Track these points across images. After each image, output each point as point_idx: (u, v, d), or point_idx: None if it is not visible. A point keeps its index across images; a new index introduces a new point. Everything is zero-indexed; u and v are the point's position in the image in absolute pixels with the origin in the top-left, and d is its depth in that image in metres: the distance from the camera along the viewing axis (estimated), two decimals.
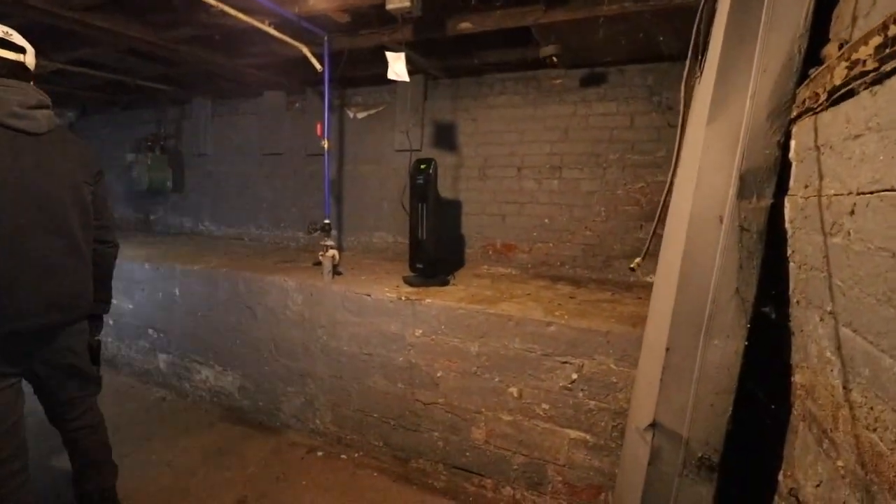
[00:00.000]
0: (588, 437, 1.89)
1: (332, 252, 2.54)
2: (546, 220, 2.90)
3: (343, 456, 2.42)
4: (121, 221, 4.92)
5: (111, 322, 3.49)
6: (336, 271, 2.63)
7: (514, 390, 2.00)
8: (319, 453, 2.45)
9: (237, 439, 2.62)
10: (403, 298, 2.23)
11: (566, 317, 1.95)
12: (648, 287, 1.95)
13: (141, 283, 3.25)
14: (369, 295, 2.31)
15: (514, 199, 3.00)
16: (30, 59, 1.53)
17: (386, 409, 2.32)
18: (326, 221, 2.66)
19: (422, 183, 2.41)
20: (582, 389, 1.87)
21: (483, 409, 2.07)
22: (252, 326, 2.74)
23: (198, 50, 2.81)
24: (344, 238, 3.63)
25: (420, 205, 2.45)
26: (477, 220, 3.11)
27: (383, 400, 2.32)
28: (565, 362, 1.89)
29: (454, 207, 3.18)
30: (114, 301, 3.60)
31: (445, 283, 2.49)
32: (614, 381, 1.81)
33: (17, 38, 1.49)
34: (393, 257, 3.40)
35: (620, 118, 2.71)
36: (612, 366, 1.81)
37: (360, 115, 3.57)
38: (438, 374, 2.16)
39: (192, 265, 2.98)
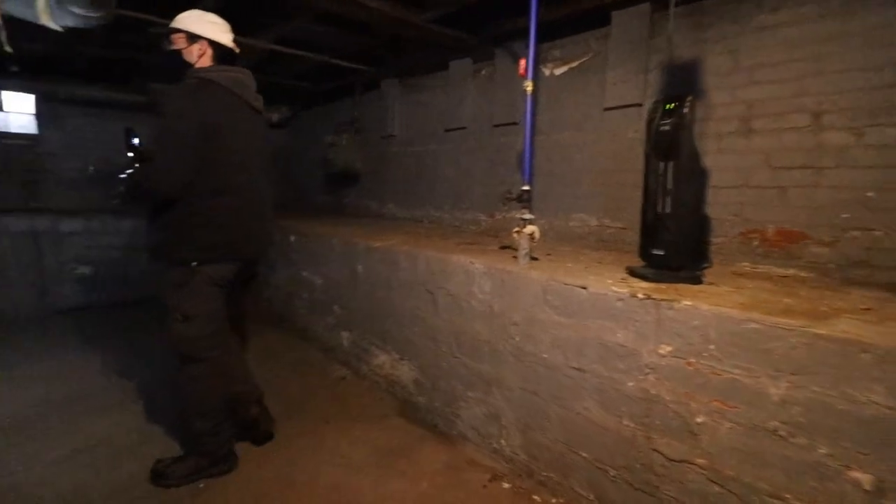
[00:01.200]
0: None
1: (531, 228, 1.97)
2: (870, 194, 1.81)
3: (536, 497, 1.85)
4: (318, 204, 5.30)
5: (305, 296, 3.63)
6: (531, 256, 2.06)
7: (864, 479, 1.12)
8: (505, 485, 1.93)
9: (410, 441, 2.29)
10: (641, 297, 1.52)
11: None
12: None
13: (329, 259, 3.24)
14: (585, 288, 1.67)
15: (803, 161, 1.97)
16: None
17: (602, 450, 1.65)
18: (525, 188, 2.10)
19: (669, 130, 1.65)
20: None
21: (788, 496, 1.23)
22: (431, 314, 2.37)
23: (387, 7, 2.58)
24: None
25: (663, 164, 1.69)
26: (733, 196, 2.17)
27: (599, 437, 1.66)
28: None
29: (693, 178, 2.29)
30: (305, 275, 3.78)
31: (697, 281, 1.69)
32: None
33: None
34: (596, 245, 2.68)
35: None
36: None
37: (559, 71, 2.93)
38: (699, 420, 1.40)
39: (373, 242, 2.79)
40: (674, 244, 1.70)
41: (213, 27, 1.92)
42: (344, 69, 3.84)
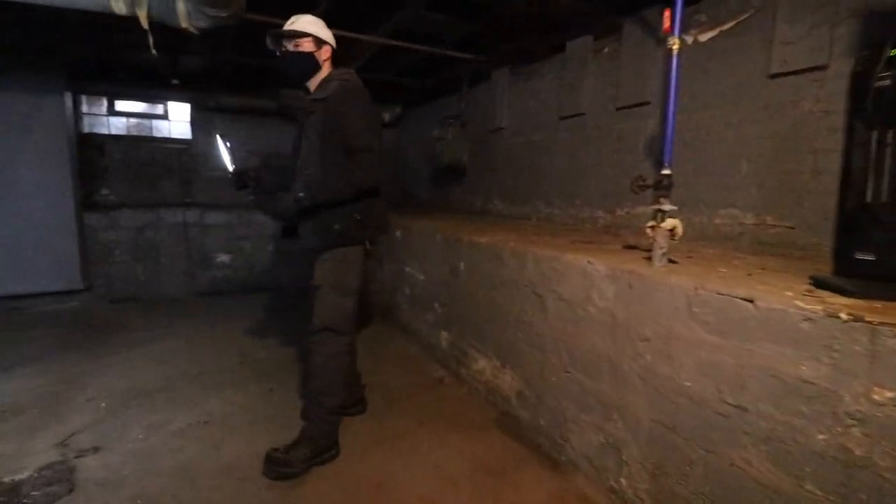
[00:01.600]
0: None
1: (671, 222, 1.59)
2: None
3: None
4: (424, 201, 5.30)
5: (407, 291, 3.59)
6: (668, 258, 1.67)
7: None
8: None
9: (511, 460, 2.04)
10: (845, 318, 1.09)
11: None
12: None
13: (431, 255, 3.13)
14: (751, 301, 1.27)
15: None
16: None
17: None
18: (666, 172, 1.71)
19: (893, 85, 1.17)
20: None
21: None
22: (539, 320, 2.10)
23: None
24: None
25: (878, 133, 1.21)
26: None
27: (765, 501, 1.24)
28: None
29: None
30: (409, 270, 3.74)
31: None
32: None
33: None
34: (752, 247, 2.16)
35: None
36: None
37: (705, 37, 2.43)
38: None
39: (477, 238, 2.59)
40: (893, 245, 1.21)
41: (329, 33, 2.03)
42: (452, 60, 3.72)
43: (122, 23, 2.21)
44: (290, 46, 1.95)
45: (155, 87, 4.64)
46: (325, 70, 2.00)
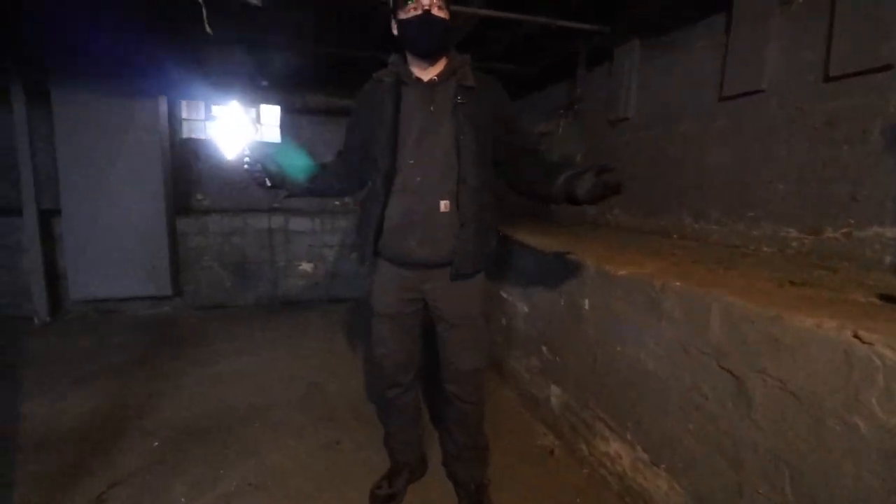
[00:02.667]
0: None
1: None
2: None
3: None
4: (516, 206, 4.58)
5: (503, 322, 2.91)
6: None
7: None
8: None
9: None
10: None
11: None
12: None
13: (537, 280, 2.43)
14: None
15: None
16: None
17: None
18: None
19: None
20: None
21: None
22: (733, 414, 1.31)
23: None
24: None
25: None
26: None
27: None
28: None
29: None
30: (505, 296, 3.02)
31: None
32: None
33: None
34: None
35: None
36: None
37: None
38: None
39: (611, 267, 1.84)
40: None
41: None
42: (567, 32, 2.97)
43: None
44: (437, 9, 1.44)
45: (248, 89, 4.51)
46: None
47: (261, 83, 4.46)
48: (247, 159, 1.56)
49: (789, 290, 1.42)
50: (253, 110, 5.14)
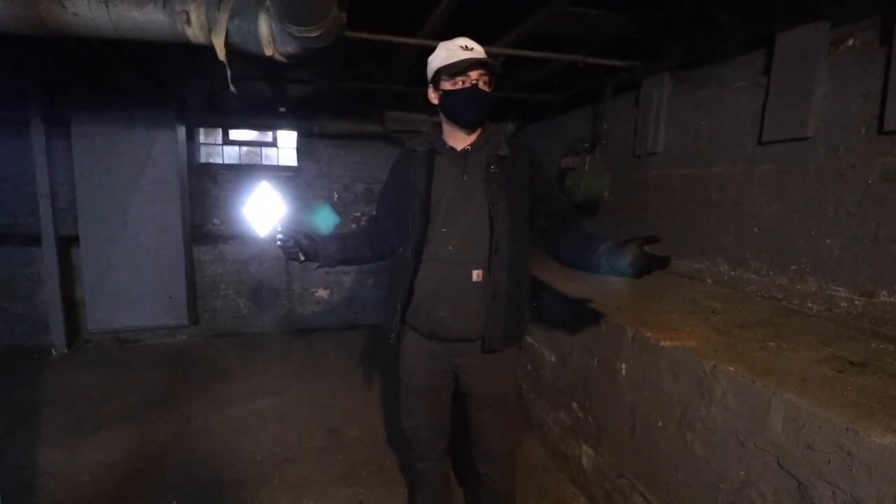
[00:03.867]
0: None
1: None
2: None
3: None
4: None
5: (530, 367, 2.81)
6: None
7: None
8: None
9: None
10: None
11: None
12: None
13: (566, 332, 2.33)
14: None
15: None
16: None
17: None
18: None
19: None
20: None
21: None
22: None
23: None
24: None
25: None
26: None
27: None
28: None
29: None
30: (531, 341, 2.93)
31: None
32: None
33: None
34: None
35: None
36: None
37: None
38: None
39: (651, 333, 1.74)
40: None
41: None
42: (595, 69, 2.89)
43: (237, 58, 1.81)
44: (480, 82, 1.41)
45: (264, 116, 4.49)
46: None
47: (278, 109, 4.44)
48: (280, 235, 1.50)
49: (852, 379, 1.31)
50: (270, 134, 5.12)
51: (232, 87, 1.74)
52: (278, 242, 1.53)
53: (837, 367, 1.41)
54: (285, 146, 5.15)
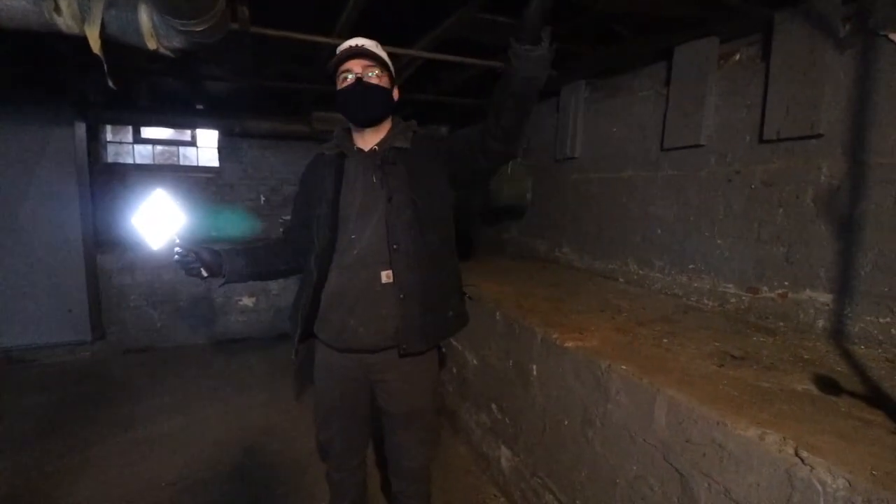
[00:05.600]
0: None
1: None
2: None
3: None
4: (469, 237, 4.52)
5: (454, 370, 2.82)
6: None
7: None
8: None
9: None
10: None
11: None
12: None
13: (485, 336, 2.35)
14: None
15: None
16: None
17: None
18: None
19: None
20: None
21: None
22: None
23: None
24: (864, 315, 1.68)
25: None
26: None
27: None
28: None
29: None
30: (455, 343, 2.84)
31: None
32: None
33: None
34: None
35: None
36: None
37: None
38: None
39: (558, 335, 1.78)
40: None
41: None
42: None
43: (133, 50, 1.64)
44: (371, 77, 1.36)
45: (181, 113, 4.18)
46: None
47: (195, 106, 4.16)
48: (177, 249, 1.37)
49: (730, 372, 1.41)
50: (188, 132, 4.80)
51: (110, 83, 1.58)
52: (176, 257, 1.40)
53: (719, 361, 1.51)
54: (206, 146, 4.85)
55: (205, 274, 1.46)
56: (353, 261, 1.41)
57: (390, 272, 1.39)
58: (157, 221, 1.59)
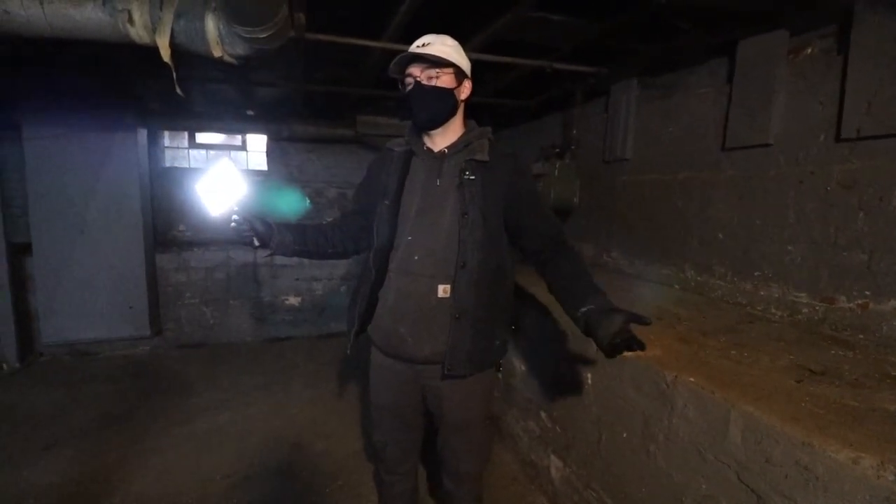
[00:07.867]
0: None
1: None
2: None
3: None
4: None
5: (499, 374, 2.77)
6: None
7: None
8: None
9: None
10: None
11: None
12: None
13: (534, 335, 2.29)
14: None
15: None
16: None
17: None
18: None
19: None
20: None
21: None
22: None
23: None
24: None
25: None
26: None
27: None
28: None
29: None
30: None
31: None
32: None
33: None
34: None
35: None
36: None
37: None
38: None
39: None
40: None
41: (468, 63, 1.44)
42: (563, 75, 2.88)
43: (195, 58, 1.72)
44: (423, 77, 1.35)
45: (232, 119, 4.35)
46: (461, 115, 1.44)
47: (246, 112, 4.32)
48: (235, 217, 1.42)
49: (811, 388, 1.30)
50: (239, 137, 4.98)
51: (178, 90, 1.65)
52: (232, 224, 1.44)
53: (797, 376, 1.40)
54: (255, 150, 5.02)
55: (256, 244, 1.48)
56: (412, 267, 1.39)
57: (448, 287, 1.36)
58: (220, 190, 1.64)
